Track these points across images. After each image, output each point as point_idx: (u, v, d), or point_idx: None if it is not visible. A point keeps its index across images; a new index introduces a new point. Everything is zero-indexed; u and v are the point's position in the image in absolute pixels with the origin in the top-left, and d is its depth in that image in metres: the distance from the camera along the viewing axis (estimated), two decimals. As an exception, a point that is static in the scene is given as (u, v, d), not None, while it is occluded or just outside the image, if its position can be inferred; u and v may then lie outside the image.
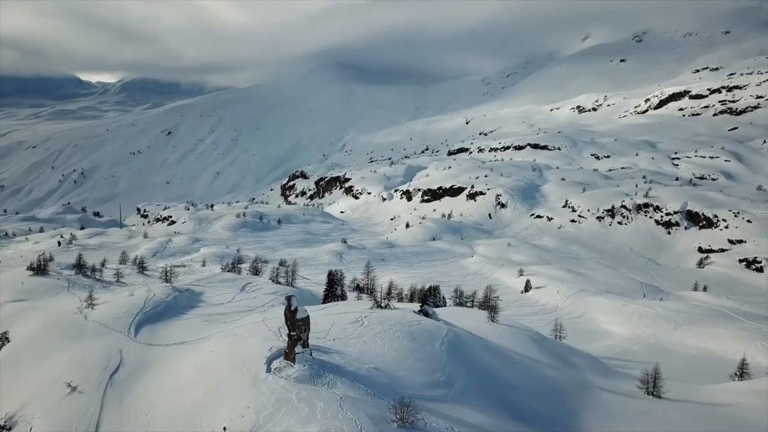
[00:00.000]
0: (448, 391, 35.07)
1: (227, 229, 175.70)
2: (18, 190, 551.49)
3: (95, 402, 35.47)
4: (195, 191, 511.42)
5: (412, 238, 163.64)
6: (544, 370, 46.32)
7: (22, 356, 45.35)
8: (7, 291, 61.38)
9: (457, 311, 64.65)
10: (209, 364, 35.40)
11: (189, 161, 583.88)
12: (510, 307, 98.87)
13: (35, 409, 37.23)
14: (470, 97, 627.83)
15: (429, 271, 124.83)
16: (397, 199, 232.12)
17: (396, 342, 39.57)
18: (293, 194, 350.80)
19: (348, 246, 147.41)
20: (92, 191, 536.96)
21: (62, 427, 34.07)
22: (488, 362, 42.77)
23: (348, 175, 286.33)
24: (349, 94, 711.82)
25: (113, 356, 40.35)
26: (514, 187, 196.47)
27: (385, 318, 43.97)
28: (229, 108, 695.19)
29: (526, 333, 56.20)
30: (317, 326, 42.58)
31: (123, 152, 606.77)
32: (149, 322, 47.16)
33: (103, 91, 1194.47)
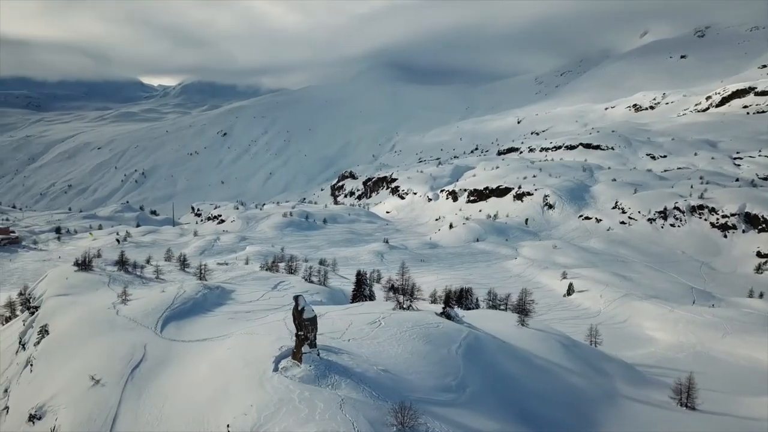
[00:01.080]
0: (459, 395, 34.40)
1: (273, 228, 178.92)
2: (84, 190, 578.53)
3: (115, 395, 36.65)
4: (249, 191, 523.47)
5: (455, 239, 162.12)
6: (569, 377, 44.83)
7: (58, 349, 47.40)
8: (54, 286, 64.32)
9: (488, 314, 63.59)
10: (223, 362, 35.96)
11: (243, 161, 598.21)
12: (551, 311, 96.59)
13: (62, 400, 38.83)
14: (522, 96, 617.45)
15: (470, 273, 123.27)
16: (443, 200, 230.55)
17: (410, 344, 39.13)
18: (342, 194, 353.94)
19: (390, 246, 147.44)
20: (152, 191, 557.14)
21: (84, 419, 35.39)
22: (508, 367, 41.75)
23: (394, 176, 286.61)
24: (399, 94, 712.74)
25: (137, 351, 41.60)
26: (562, 188, 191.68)
27: (404, 319, 43.57)
28: (282, 109, 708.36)
29: (557, 338, 54.57)
30: (335, 326, 42.68)
31: (181, 153, 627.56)
32: (176, 319, 48.37)
33: (163, 93, 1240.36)
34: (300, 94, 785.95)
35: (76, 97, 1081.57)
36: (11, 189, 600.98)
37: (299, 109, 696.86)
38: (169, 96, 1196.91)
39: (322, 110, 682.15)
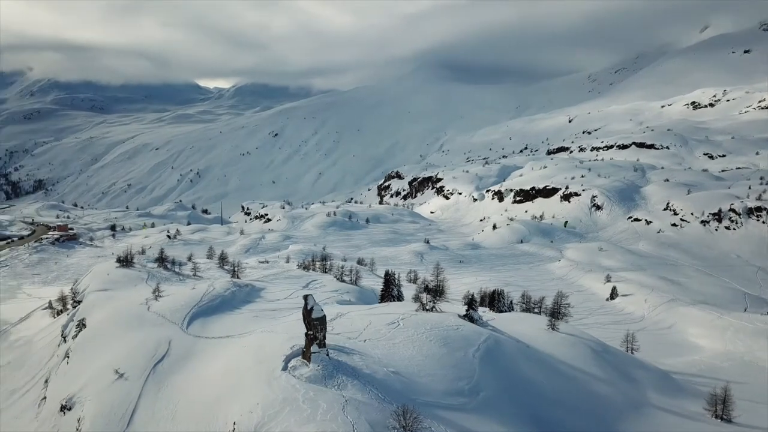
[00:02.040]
0: (471, 400, 33.76)
1: (317, 227, 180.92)
2: (142, 189, 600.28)
3: (136, 389, 37.78)
4: (299, 191, 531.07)
5: (498, 240, 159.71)
6: (594, 384, 43.36)
7: (91, 342, 49.32)
8: (95, 281, 67.03)
9: (519, 317, 62.28)
10: (237, 360, 36.51)
11: (293, 162, 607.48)
12: (592, 315, 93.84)
13: (89, 392, 40.34)
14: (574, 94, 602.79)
15: (511, 275, 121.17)
16: (488, 200, 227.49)
17: (426, 346, 38.69)
18: (388, 194, 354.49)
19: (430, 246, 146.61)
20: (206, 190, 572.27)
21: (106, 411, 36.65)
22: (528, 373, 40.71)
23: (440, 175, 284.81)
24: (448, 94, 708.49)
25: (161, 346, 42.74)
26: (611, 189, 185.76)
27: (423, 321, 43.14)
28: (331, 110, 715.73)
29: (588, 343, 52.87)
30: (353, 326, 42.69)
31: (234, 153, 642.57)
32: (203, 315, 49.41)
33: (218, 96, 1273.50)
34: (350, 94, 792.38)
35: (137, 99, 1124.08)
36: (75, 188, 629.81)
37: (349, 109, 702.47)
38: (224, 98, 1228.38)
39: (371, 111, 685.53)
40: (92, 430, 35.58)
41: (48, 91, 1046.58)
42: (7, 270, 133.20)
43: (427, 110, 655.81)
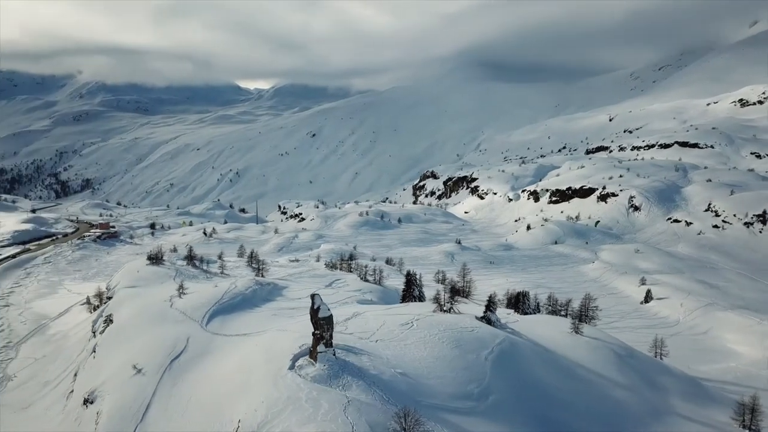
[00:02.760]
0: (479, 403, 33.28)
1: (349, 226, 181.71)
2: (184, 188, 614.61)
3: (152, 385, 38.59)
4: (335, 190, 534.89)
5: (532, 241, 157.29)
6: (614, 390, 42.19)
7: (116, 337, 50.67)
8: (126, 278, 68.89)
9: (543, 319, 61.15)
10: (248, 357, 36.88)
11: (331, 162, 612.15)
12: (624, 319, 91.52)
13: (109, 386, 41.45)
14: (616, 92, 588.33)
15: (542, 277, 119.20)
16: (524, 200, 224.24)
17: (438, 348, 38.35)
18: (423, 194, 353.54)
19: (461, 247, 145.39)
20: (245, 189, 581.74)
21: (122, 406, 37.57)
22: (543, 377, 39.91)
23: (475, 175, 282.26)
24: (486, 92, 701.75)
25: (179, 343, 43.55)
26: (650, 189, 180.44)
27: (438, 322, 42.78)
28: (369, 110, 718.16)
29: (612, 347, 51.48)
30: (367, 326, 42.66)
31: (273, 153, 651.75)
32: (223, 313, 50.18)
33: (258, 96, 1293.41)
34: (387, 94, 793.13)
35: (180, 101, 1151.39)
36: (121, 187, 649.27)
37: (386, 109, 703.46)
38: (263, 99, 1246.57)
39: (408, 110, 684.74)
40: (108, 423, 36.53)
41: (96, 94, 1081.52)
42: (51, 266, 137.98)
43: (465, 109, 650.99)
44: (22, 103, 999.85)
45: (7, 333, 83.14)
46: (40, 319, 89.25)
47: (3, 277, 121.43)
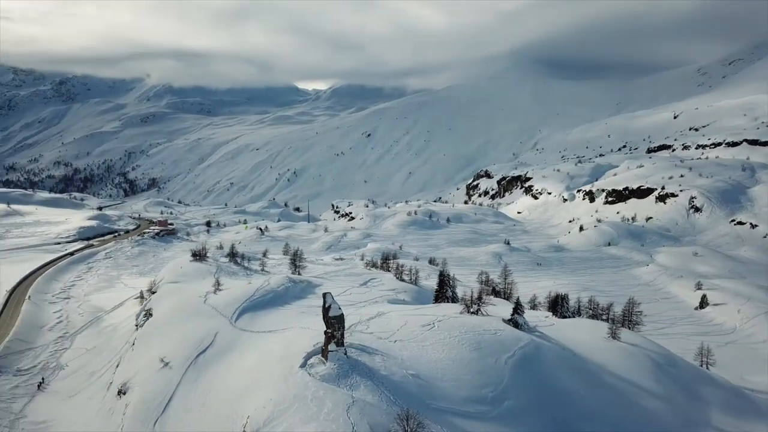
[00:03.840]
0: (492, 408, 32.43)
1: (397, 226, 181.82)
2: (243, 187, 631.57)
3: (176, 378, 39.70)
4: (389, 190, 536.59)
5: (584, 242, 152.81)
6: (646, 399, 40.28)
7: (153, 331, 52.49)
8: (170, 273, 71.29)
9: (579, 323, 59.17)
10: (266, 354, 37.36)
11: (385, 161, 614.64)
12: (675, 325, 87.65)
13: (139, 378, 42.96)
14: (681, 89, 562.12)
15: (592, 279, 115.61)
16: (579, 200, 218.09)
17: (456, 350, 37.67)
18: (476, 193, 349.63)
19: (510, 248, 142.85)
20: (302, 188, 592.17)
21: (147, 397, 38.86)
22: (567, 383, 38.51)
23: (529, 174, 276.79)
24: (544, 90, 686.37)
25: (207, 338, 44.62)
26: (713, 189, 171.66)
27: (460, 324, 42.02)
28: (423, 109, 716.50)
29: (650, 354, 49.24)
30: (388, 326, 42.42)
31: (329, 153, 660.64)
32: (253, 310, 51.04)
33: (315, 97, 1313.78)
34: (442, 93, 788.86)
35: (240, 102, 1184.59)
36: (184, 186, 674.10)
37: (441, 108, 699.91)
38: (321, 99, 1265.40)
39: (463, 109, 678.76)
40: (133, 414, 37.90)
41: (162, 96, 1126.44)
42: (111, 261, 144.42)
43: (522, 108, 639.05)
44: (95, 105, 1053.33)
45: (65, 324, 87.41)
46: (96, 312, 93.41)
47: (66, 271, 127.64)
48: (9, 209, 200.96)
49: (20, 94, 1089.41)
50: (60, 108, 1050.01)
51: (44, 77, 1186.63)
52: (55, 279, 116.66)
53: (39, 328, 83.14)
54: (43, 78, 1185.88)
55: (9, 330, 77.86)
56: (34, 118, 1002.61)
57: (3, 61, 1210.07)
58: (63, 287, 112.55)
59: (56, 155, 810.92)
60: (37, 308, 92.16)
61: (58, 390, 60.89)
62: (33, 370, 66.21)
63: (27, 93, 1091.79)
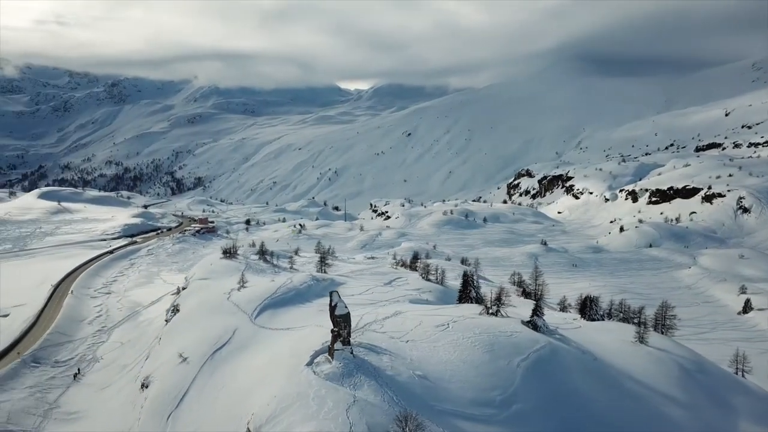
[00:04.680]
0: (500, 412, 31.82)
1: (433, 225, 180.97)
2: (286, 186, 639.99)
3: (192, 373, 40.45)
4: (429, 189, 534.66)
5: (624, 243, 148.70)
6: (667, 407, 38.82)
7: (178, 326, 53.70)
8: (200, 270, 72.84)
9: (606, 326, 57.55)
10: (278, 352, 37.67)
11: (425, 160, 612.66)
12: (716, 330, 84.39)
13: (159, 373, 44.00)
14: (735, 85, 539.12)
15: (630, 281, 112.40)
16: (621, 200, 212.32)
17: (468, 351, 37.14)
18: (517, 193, 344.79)
19: (547, 248, 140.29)
20: (342, 188, 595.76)
21: (164, 392, 39.76)
22: (582, 387, 37.49)
23: (570, 174, 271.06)
24: (588, 88, 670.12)
25: (226, 334, 45.32)
26: (763, 189, 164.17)
27: (475, 325, 41.41)
28: (465, 108, 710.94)
29: (678, 360, 47.50)
30: (403, 326, 42.17)
31: (369, 153, 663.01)
32: (274, 307, 51.55)
33: (357, 97, 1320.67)
34: (484, 92, 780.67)
35: (284, 102, 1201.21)
36: (229, 185, 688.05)
37: (482, 107, 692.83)
38: (362, 99, 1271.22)
39: (505, 108, 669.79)
40: (150, 407, 38.86)
41: (208, 97, 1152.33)
42: (152, 258, 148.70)
43: (565, 106, 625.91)
44: (144, 107, 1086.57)
45: (104, 318, 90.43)
46: (134, 307, 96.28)
47: (109, 266, 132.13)
48: (60, 207, 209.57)
49: (75, 96, 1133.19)
50: (112, 109, 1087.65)
51: (97, 80, 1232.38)
52: (98, 274, 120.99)
53: (79, 322, 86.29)
54: (96, 80, 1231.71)
55: (50, 323, 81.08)
56: (87, 119, 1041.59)
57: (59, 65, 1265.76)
58: (105, 282, 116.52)
59: (108, 155, 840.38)
60: (78, 302, 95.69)
61: (91, 382, 63.04)
62: (70, 362, 68.73)
63: (81, 95, 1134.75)
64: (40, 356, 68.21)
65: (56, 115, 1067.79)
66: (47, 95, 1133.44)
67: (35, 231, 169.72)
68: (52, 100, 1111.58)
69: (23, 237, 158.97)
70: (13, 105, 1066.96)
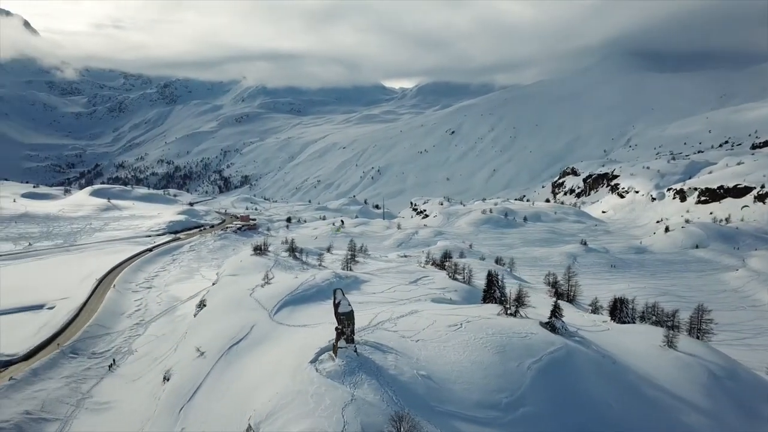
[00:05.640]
0: (504, 415, 31.17)
1: (471, 224, 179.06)
2: (330, 185, 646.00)
3: (207, 368, 41.22)
4: (472, 187, 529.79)
5: (669, 244, 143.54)
6: (688, 414, 37.22)
7: (202, 321, 54.89)
8: (230, 266, 74.31)
9: (635, 329, 55.80)
10: (287, 349, 37.98)
11: (468, 159, 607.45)
12: (761, 335, 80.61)
13: (179, 366, 45.06)
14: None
15: (672, 283, 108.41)
16: (669, 199, 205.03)
17: (477, 352, 36.55)
18: (562, 192, 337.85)
19: (587, 248, 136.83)
20: (385, 186, 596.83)
21: (180, 385, 40.67)
22: (597, 392, 36.30)
23: (616, 172, 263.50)
24: (637, 84, 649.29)
25: (243, 330, 45.97)
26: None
27: (489, 326, 40.72)
28: (509, 106, 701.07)
29: (708, 365, 45.48)
30: (416, 325, 41.91)
31: (412, 151, 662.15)
32: (294, 304, 52.02)
33: (401, 96, 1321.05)
34: (530, 89, 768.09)
35: (329, 102, 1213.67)
36: (274, 183, 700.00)
37: (528, 104, 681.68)
38: (406, 98, 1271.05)
39: (551, 105, 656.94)
40: (166, 401, 39.82)
41: (256, 97, 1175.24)
42: (194, 254, 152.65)
43: (614, 102, 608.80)
44: (195, 107, 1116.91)
45: (142, 312, 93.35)
46: (173, 302, 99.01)
47: (152, 262, 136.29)
48: (109, 204, 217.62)
49: (130, 97, 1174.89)
50: (164, 110, 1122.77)
51: (150, 81, 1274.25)
52: (140, 269, 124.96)
53: (119, 315, 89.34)
54: (149, 82, 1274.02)
55: (91, 316, 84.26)
56: (141, 120, 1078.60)
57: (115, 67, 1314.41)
58: (147, 277, 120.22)
59: (160, 154, 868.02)
60: (120, 296, 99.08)
61: (124, 373, 65.13)
62: (106, 353, 71.19)
63: (135, 96, 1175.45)
64: (78, 347, 70.88)
65: (112, 115, 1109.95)
66: (104, 96, 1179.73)
67: (85, 227, 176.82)
68: (108, 101, 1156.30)
69: (74, 233, 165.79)
70: (72, 106, 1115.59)
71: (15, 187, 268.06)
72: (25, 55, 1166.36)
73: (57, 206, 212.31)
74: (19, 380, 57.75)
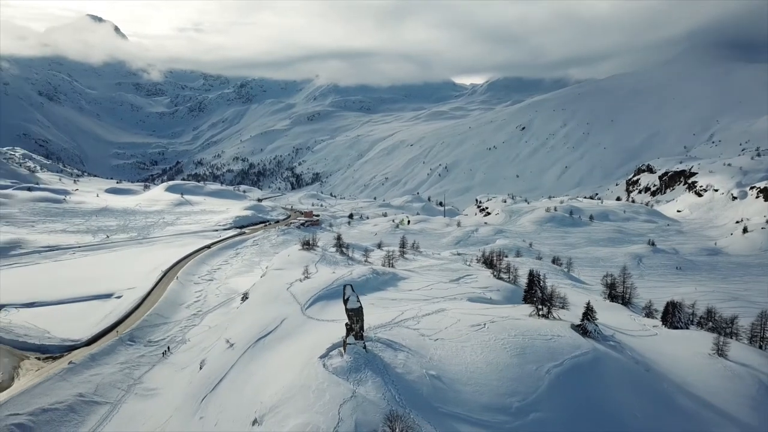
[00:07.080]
0: (513, 419, 30.14)
1: (533, 222, 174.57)
2: (397, 182, 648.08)
3: (233, 359, 42.41)
4: (543, 185, 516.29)
5: (747, 246, 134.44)
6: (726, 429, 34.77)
7: (243, 313, 56.55)
8: (278, 261, 76.04)
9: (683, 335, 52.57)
10: (304, 343, 38.50)
11: (539, 155, 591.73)
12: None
13: (211, 356, 46.64)
14: None
15: (745, 288, 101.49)
16: (751, 198, 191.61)
17: (495, 354, 35.58)
18: (636, 190, 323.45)
19: (654, 249, 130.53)
20: (452, 183, 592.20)
21: (209, 373, 42.12)
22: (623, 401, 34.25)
23: (694, 169, 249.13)
24: (723, 76, 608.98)
25: (273, 323, 46.93)
26: None
27: (514, 327, 39.54)
28: (583, 101, 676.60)
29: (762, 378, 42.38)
30: (440, 323, 41.36)
31: (481, 148, 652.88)
32: (326, 299, 52.48)
33: (471, 92, 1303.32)
34: (605, 83, 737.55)
35: (398, 99, 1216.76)
36: (343, 180, 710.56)
37: (602, 99, 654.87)
38: (476, 94, 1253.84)
39: (628, 99, 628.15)
40: (193, 389, 41.39)
41: (327, 95, 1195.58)
42: (256, 248, 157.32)
43: (697, 96, 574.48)
44: (269, 105, 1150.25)
45: (201, 303, 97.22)
46: (231, 294, 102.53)
47: (217, 255, 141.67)
48: (182, 199, 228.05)
49: (209, 97, 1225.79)
50: (240, 109, 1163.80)
51: (228, 81, 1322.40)
52: (204, 262, 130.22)
53: (178, 306, 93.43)
54: (227, 82, 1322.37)
55: (151, 306, 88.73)
56: (218, 119, 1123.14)
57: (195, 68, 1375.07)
58: (209, 270, 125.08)
59: (235, 151, 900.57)
60: (181, 287, 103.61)
61: (175, 362, 68.06)
62: (161, 342, 74.64)
63: (214, 96, 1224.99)
64: (136, 335, 74.69)
65: (192, 115, 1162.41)
66: (185, 97, 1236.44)
67: (158, 221, 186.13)
68: (189, 101, 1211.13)
69: (148, 226, 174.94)
70: (156, 107, 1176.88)
71: (100, 183, 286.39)
72: (115, 58, 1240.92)
73: (135, 201, 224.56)
74: (77, 364, 61.61)
